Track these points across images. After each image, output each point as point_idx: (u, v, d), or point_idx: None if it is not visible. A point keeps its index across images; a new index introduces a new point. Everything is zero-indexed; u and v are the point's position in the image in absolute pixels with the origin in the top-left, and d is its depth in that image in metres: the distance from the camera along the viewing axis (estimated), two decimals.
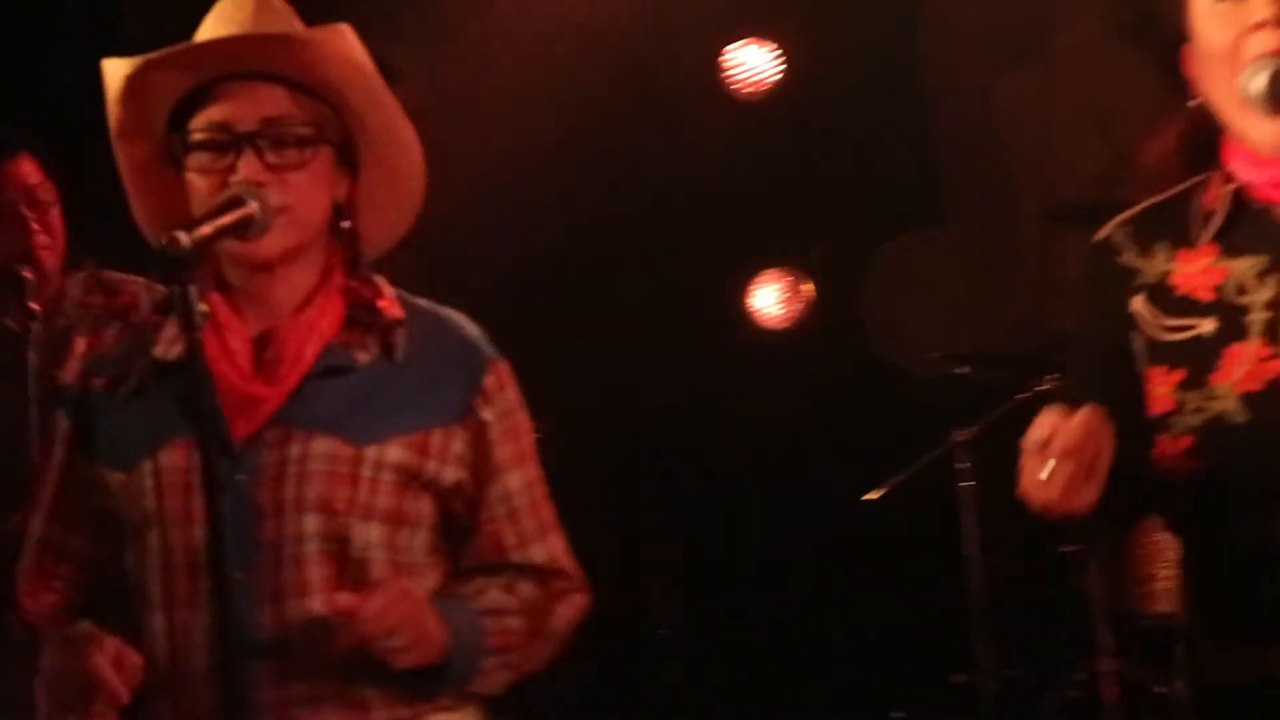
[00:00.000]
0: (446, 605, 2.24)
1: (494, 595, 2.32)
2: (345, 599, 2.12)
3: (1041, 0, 5.84)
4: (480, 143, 4.96)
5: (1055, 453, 1.89)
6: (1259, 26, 2.01)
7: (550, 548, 2.38)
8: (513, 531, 2.35)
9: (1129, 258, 2.17)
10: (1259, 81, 1.98)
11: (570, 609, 2.39)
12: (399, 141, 2.36)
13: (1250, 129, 2.06)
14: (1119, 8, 2.16)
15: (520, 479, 2.36)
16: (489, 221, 5.05)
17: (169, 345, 2.29)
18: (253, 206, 2.16)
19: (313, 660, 2.20)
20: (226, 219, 2.14)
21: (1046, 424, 1.90)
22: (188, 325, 2.02)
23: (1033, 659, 5.15)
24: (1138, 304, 2.15)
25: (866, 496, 5.16)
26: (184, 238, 2.01)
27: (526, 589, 2.35)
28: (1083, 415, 1.90)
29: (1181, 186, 2.19)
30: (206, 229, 2.09)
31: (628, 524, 2.16)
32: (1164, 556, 4.76)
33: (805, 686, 5.57)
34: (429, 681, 2.22)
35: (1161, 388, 2.09)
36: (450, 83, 5.02)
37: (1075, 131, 5.88)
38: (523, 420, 2.40)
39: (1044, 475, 1.89)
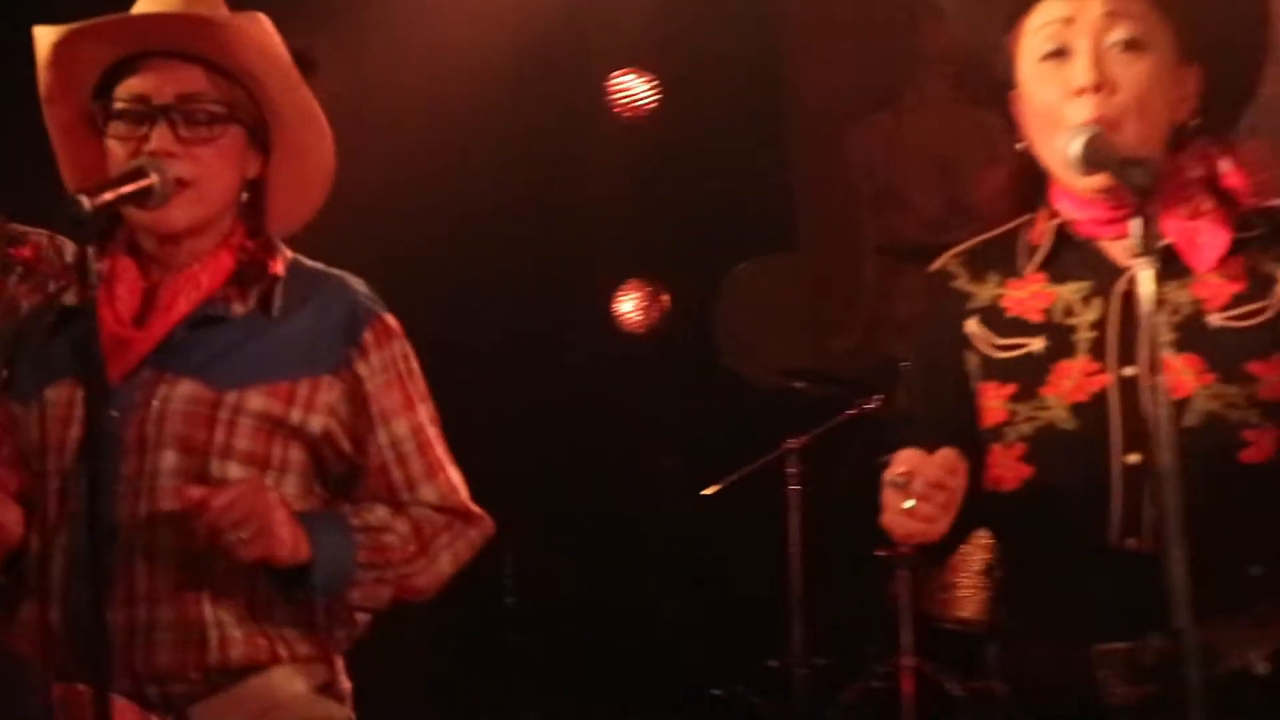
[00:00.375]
0: (311, 516, 2.22)
1: (379, 513, 2.30)
2: (195, 491, 2.11)
3: (894, 55, 5.95)
4: (375, 144, 4.98)
5: (916, 490, 1.89)
6: (1079, 92, 2.02)
7: (440, 486, 2.35)
8: (401, 474, 2.32)
9: (962, 284, 2.20)
10: (1076, 148, 1.99)
11: (459, 540, 2.35)
12: (310, 127, 2.35)
13: (1076, 181, 2.06)
14: (959, 60, 2.09)
15: (406, 425, 2.33)
16: (379, 215, 5.06)
17: (70, 294, 2.31)
18: (153, 178, 2.17)
19: (169, 560, 2.20)
20: (127, 188, 2.15)
21: (906, 461, 1.91)
22: (83, 278, 2.03)
23: (841, 650, 5.23)
24: (971, 325, 2.17)
25: (705, 492, 5.25)
26: (86, 201, 2.02)
27: (418, 512, 2.32)
28: (941, 455, 1.92)
29: (1009, 225, 2.21)
30: (107, 195, 2.10)
31: (487, 502, 2.21)
32: (967, 566, 4.84)
33: (636, 660, 5.60)
34: (295, 586, 2.19)
35: (995, 401, 2.10)
36: (355, 86, 5.01)
37: (917, 178, 5.97)
38: (410, 368, 2.36)
39: (905, 508, 1.90)
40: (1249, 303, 2.05)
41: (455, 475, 2.38)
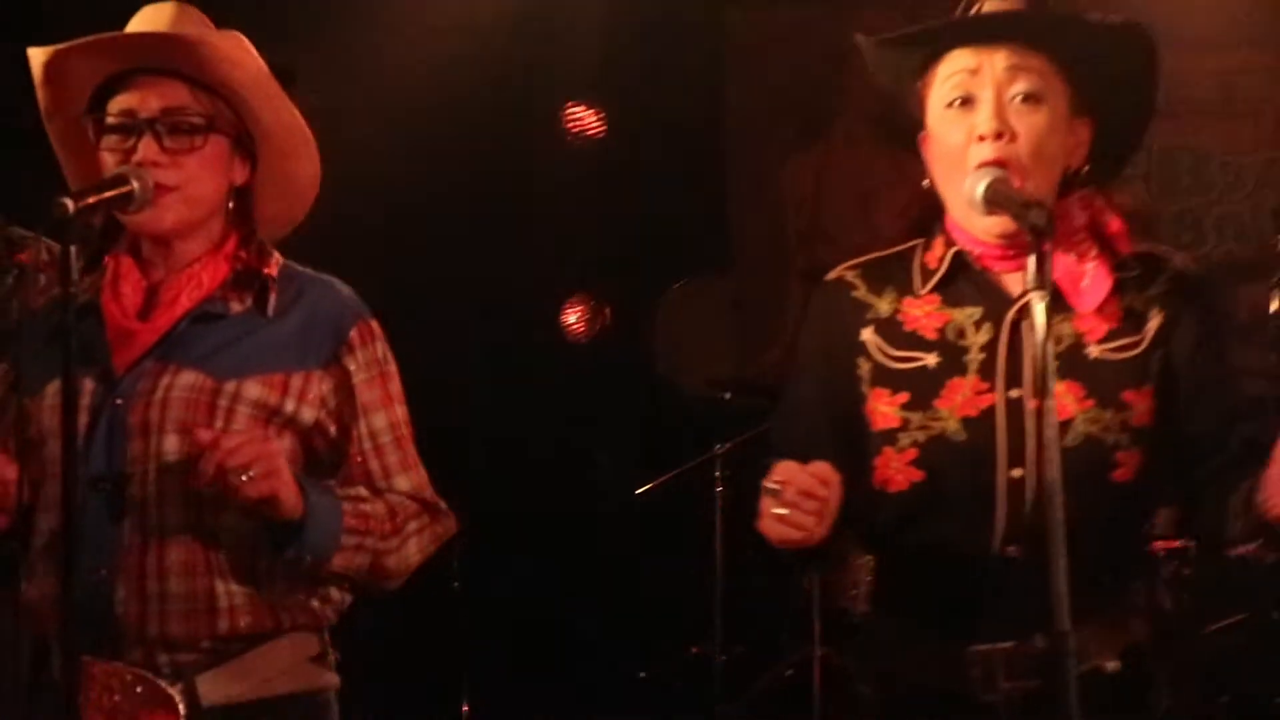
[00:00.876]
0: (305, 480, 2.21)
1: (360, 489, 2.31)
2: (206, 433, 2.12)
3: (826, 94, 5.99)
4: (347, 158, 4.95)
5: (788, 498, 1.91)
6: (982, 138, 2.06)
7: (413, 479, 2.37)
8: (379, 464, 2.34)
9: (861, 294, 2.20)
10: (978, 189, 2.02)
11: (426, 530, 2.36)
12: (291, 136, 2.36)
13: (972, 221, 2.11)
14: (879, 103, 2.16)
15: (385, 419, 2.35)
16: (336, 230, 5.03)
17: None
18: (133, 185, 2.20)
19: (177, 535, 2.20)
20: (108, 193, 2.18)
21: (783, 471, 1.93)
22: (64, 276, 2.02)
23: (759, 640, 5.28)
24: (867, 334, 2.17)
25: (639, 491, 5.30)
26: (69, 204, 2.03)
27: (393, 497, 2.33)
28: (815, 467, 1.94)
29: (904, 246, 2.25)
30: (90, 199, 2.12)
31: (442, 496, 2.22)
32: (870, 564, 4.90)
33: (569, 642, 5.64)
34: (288, 539, 2.18)
35: (887, 407, 2.12)
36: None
37: (841, 212, 6.04)
38: (390, 370, 2.39)
39: (776, 514, 1.92)
40: (1123, 337, 2.10)
41: (424, 475, 2.41)
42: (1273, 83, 6.10)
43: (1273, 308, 4.10)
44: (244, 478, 2.09)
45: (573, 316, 6.11)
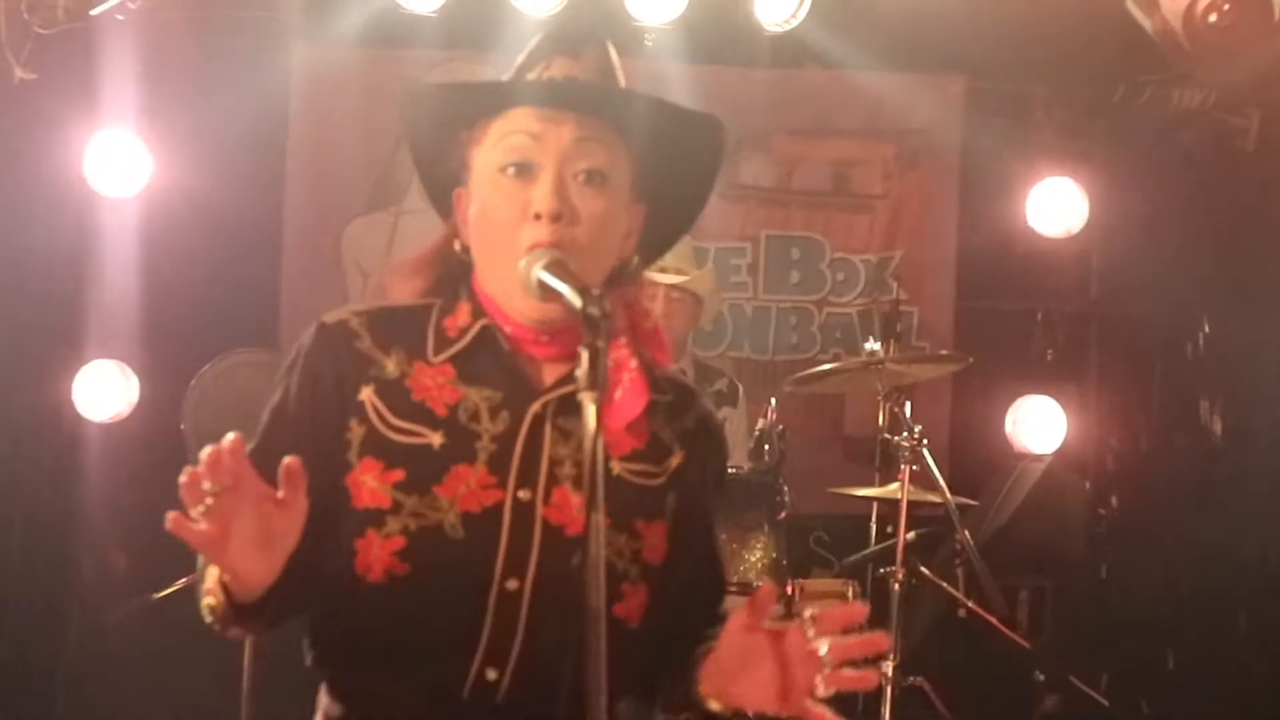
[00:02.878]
0: None
1: None
2: None
3: (389, 162, 5.71)
4: None
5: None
6: (538, 216, 1.86)
7: None
8: None
9: (366, 347, 1.93)
10: (536, 273, 1.82)
11: None
12: None
13: (518, 301, 1.90)
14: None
15: None
16: None
17: None
18: None
19: None
20: None
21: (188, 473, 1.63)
22: None
23: None
24: (368, 393, 1.90)
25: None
26: None
27: None
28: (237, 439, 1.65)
29: (417, 302, 1.99)
30: None
31: None
32: None
33: None
34: None
35: (377, 482, 1.85)
36: None
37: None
38: None
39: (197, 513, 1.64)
40: (645, 462, 1.97)
41: None
42: (886, 177, 6.03)
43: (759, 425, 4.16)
44: None
45: (92, 386, 5.51)
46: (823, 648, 1.79)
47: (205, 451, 1.62)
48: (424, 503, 1.83)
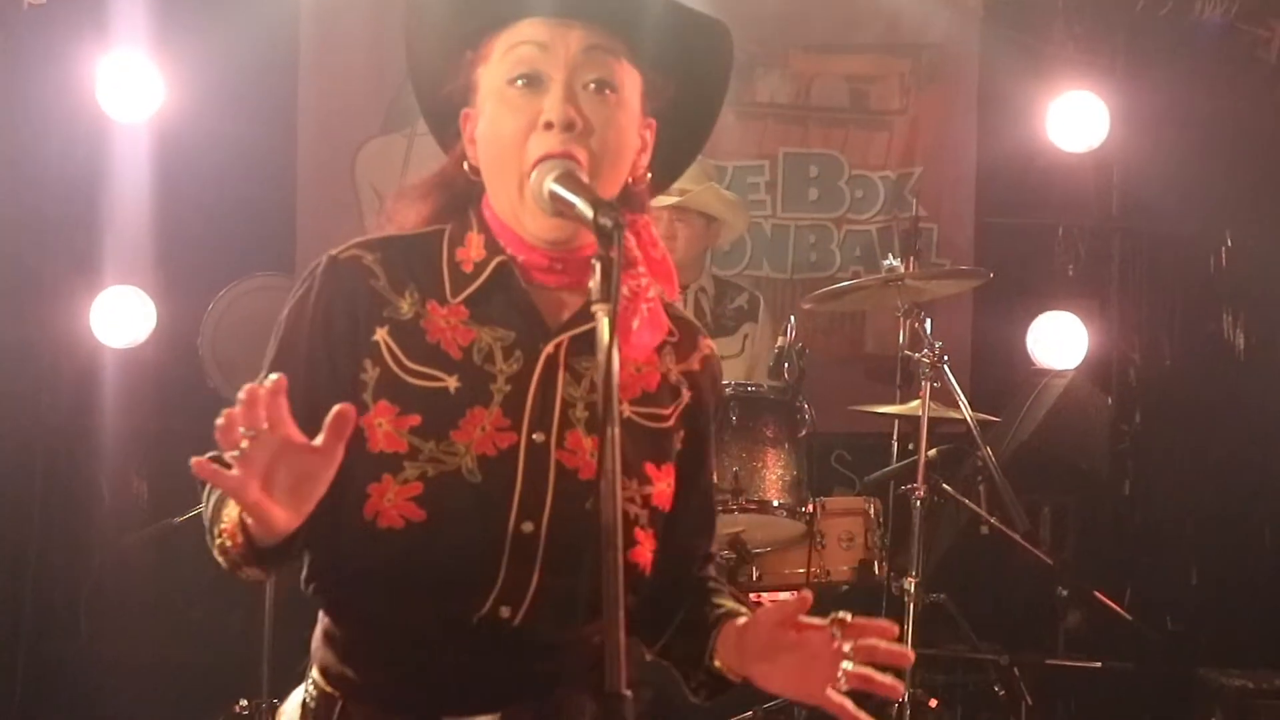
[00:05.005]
0: None
1: None
2: None
3: (403, 84, 5.45)
4: None
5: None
6: (549, 125, 1.81)
7: None
8: None
9: (381, 287, 1.86)
10: (548, 185, 1.76)
11: None
12: None
13: (528, 219, 1.84)
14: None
15: None
16: None
17: None
18: None
19: None
20: None
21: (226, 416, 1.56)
22: None
23: None
24: (383, 334, 1.84)
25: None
26: None
27: None
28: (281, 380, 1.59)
29: (427, 229, 1.93)
30: None
31: None
32: None
33: None
34: None
35: (393, 427, 1.80)
36: None
37: None
38: None
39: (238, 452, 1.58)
40: (655, 405, 1.94)
41: None
42: (904, 93, 5.91)
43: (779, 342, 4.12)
44: None
45: (111, 313, 5.37)
46: (848, 645, 1.77)
47: (243, 390, 1.55)
48: (441, 448, 1.79)
